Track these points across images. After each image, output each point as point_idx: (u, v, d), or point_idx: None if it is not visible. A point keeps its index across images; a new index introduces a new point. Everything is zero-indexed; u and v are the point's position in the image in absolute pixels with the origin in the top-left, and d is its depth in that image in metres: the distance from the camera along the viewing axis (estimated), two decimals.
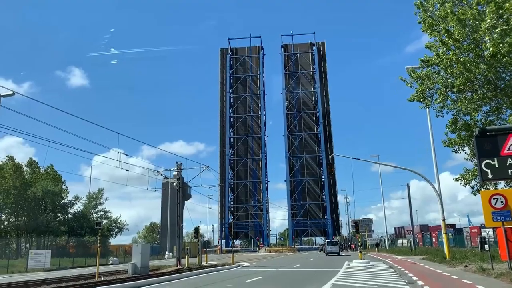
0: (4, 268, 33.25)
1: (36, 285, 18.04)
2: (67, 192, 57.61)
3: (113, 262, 45.64)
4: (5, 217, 52.38)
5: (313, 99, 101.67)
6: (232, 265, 29.30)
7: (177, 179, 33.61)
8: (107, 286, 16.03)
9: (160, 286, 16.53)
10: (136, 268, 23.73)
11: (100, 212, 61.65)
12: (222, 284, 16.62)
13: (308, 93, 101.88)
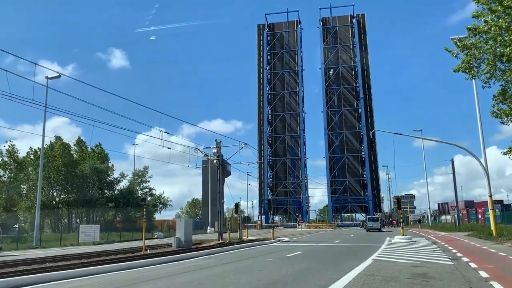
0: (57, 241, 35.32)
1: (87, 257, 19.05)
2: (113, 170, 59.99)
3: (158, 236, 47.37)
4: (56, 194, 55.34)
5: (353, 73, 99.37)
6: (272, 240, 29.72)
7: (217, 156, 34.14)
8: (154, 258, 16.69)
9: (203, 259, 17.04)
10: (180, 242, 24.53)
11: (145, 189, 63.87)
12: (263, 257, 16.92)
13: (348, 67, 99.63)
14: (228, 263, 15.20)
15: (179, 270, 13.04)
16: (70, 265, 14.72)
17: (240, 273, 11.74)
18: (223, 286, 9.23)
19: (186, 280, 10.57)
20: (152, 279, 11.10)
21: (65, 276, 11.63)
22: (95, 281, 10.98)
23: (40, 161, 37.05)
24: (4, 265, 15.33)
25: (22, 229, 44.82)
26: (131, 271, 13.29)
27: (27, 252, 26.56)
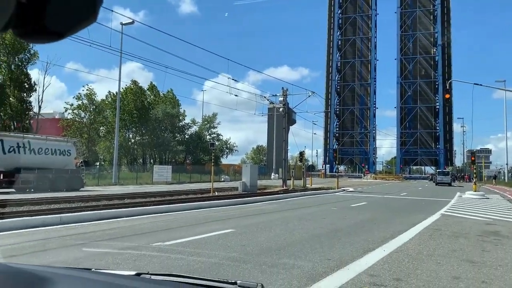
0: (133, 179, 38.03)
1: (161, 196, 20.40)
2: (184, 115, 62.33)
3: (225, 180, 49.28)
4: (132, 135, 58.89)
5: (432, 18, 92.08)
6: (336, 189, 29.77)
7: (283, 104, 34.05)
8: (221, 200, 17.51)
9: (267, 204, 17.57)
10: (245, 186, 25.37)
11: (213, 134, 65.94)
12: (327, 206, 17.09)
13: (426, 12, 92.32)
14: (292, 209, 15.56)
15: (245, 213, 13.59)
16: (146, 202, 15.87)
17: (303, 219, 11.99)
18: (287, 230, 9.51)
19: (252, 222, 11.02)
20: (220, 219, 11.70)
21: (142, 212, 12.60)
22: (169, 218, 11.78)
23: (117, 104, 39.24)
24: (88, 199, 16.89)
25: (102, 167, 48.57)
26: (200, 210, 14.07)
27: (107, 188, 28.94)
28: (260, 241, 8.06)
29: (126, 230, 9.47)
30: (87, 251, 6.99)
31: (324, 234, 9.22)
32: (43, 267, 1.03)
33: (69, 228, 9.57)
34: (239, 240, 8.10)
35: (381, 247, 7.74)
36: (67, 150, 26.09)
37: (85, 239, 8.28)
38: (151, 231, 9.45)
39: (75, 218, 10.66)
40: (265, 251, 7.16)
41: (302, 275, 5.53)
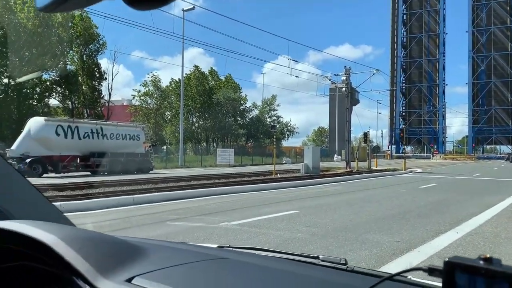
0: (198, 162, 39.28)
1: (225, 178, 20.83)
2: (246, 99, 62.96)
3: (286, 162, 49.36)
4: (195, 120, 60.60)
5: None
6: (403, 171, 28.76)
7: (346, 84, 33.21)
8: (284, 182, 17.56)
9: (331, 186, 17.37)
10: (308, 168, 25.22)
11: (273, 117, 66.04)
12: (394, 188, 16.56)
13: None
14: (357, 191, 15.25)
15: (308, 195, 13.53)
16: (211, 184, 16.31)
17: (369, 201, 11.71)
18: (352, 212, 9.34)
19: (315, 204, 10.94)
20: (284, 200, 11.75)
21: (208, 193, 12.97)
22: (233, 199, 12.03)
23: (181, 90, 40.42)
24: (157, 181, 17.66)
25: (169, 150, 50.56)
26: (263, 192, 14.22)
27: (174, 170, 30.11)
28: (325, 223, 7.98)
29: (193, 210, 9.79)
30: (161, 229, 7.33)
31: (391, 215, 8.94)
32: (137, 239, 1.11)
33: (141, 208, 10.08)
34: (303, 221, 8.08)
35: (454, 230, 7.36)
36: (137, 135, 27.40)
37: (156, 218, 8.69)
38: (217, 211, 9.70)
39: (146, 199, 11.21)
40: (330, 232, 7.08)
41: (370, 257, 5.40)
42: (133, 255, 0.89)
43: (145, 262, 0.87)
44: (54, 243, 0.81)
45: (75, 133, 23.64)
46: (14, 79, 36.89)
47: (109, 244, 0.90)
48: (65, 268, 0.80)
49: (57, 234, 0.84)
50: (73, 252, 0.80)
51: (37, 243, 0.82)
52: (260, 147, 60.62)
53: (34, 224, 0.88)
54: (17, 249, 0.89)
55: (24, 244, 0.86)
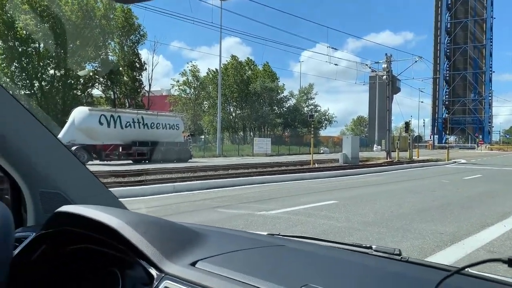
0: (235, 151, 39.61)
1: (262, 167, 20.90)
2: (283, 88, 62.64)
3: (324, 152, 48.87)
4: (232, 109, 60.99)
5: None
6: (446, 161, 27.86)
7: (386, 71, 32.34)
8: (322, 172, 17.42)
9: (370, 176, 17.08)
10: (346, 158, 24.86)
11: (311, 106, 65.37)
12: (436, 179, 16.07)
13: None
14: (397, 181, 14.91)
15: (347, 185, 13.36)
16: (249, 173, 16.40)
17: (411, 192, 11.43)
18: (393, 203, 9.15)
19: (354, 194, 10.80)
20: (322, 190, 11.66)
21: (246, 182, 13.07)
22: (271, 188, 12.07)
23: (219, 79, 40.72)
24: (196, 170, 17.96)
25: (206, 139, 51.23)
26: (301, 182, 14.16)
27: (212, 159, 30.50)
28: (365, 213, 7.87)
29: (232, 199, 9.90)
30: (201, 217, 7.46)
31: (434, 207, 8.69)
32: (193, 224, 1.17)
33: (181, 196, 10.29)
34: (343, 212, 8.00)
35: (501, 222, 7.07)
36: (176, 124, 27.90)
37: (196, 206, 8.85)
38: (255, 200, 9.76)
39: (186, 187, 11.43)
40: (370, 223, 6.97)
41: (411, 249, 5.28)
42: (194, 240, 0.92)
43: (205, 247, 0.90)
44: (120, 226, 0.84)
45: (117, 122, 24.35)
46: (76, 71, 38.58)
47: (171, 229, 0.94)
48: (131, 251, 0.83)
49: (123, 218, 0.87)
50: (139, 235, 0.83)
51: (103, 226, 0.85)
52: (297, 136, 60.26)
53: (100, 208, 0.92)
54: (80, 232, 0.93)
55: (88, 228, 0.90)
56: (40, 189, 1.20)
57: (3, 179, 1.21)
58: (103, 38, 41.66)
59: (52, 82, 39.58)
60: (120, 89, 45.90)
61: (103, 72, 41.89)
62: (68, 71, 39.22)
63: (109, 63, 43.40)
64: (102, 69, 42.25)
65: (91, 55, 40.67)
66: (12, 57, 36.64)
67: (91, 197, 1.28)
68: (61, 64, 38.36)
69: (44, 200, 1.21)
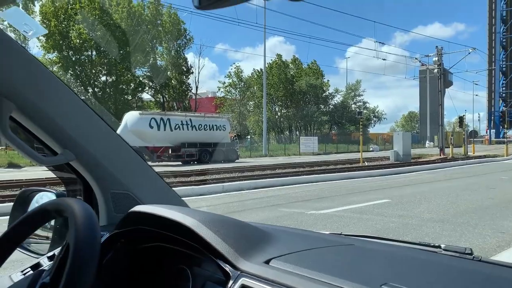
0: (282, 151, 39.55)
1: (310, 166, 20.72)
2: (328, 85, 61.86)
3: (374, 149, 47.77)
4: (278, 109, 60.96)
5: None
6: (505, 157, 26.41)
7: (437, 65, 31.14)
8: (372, 170, 17.04)
9: (423, 173, 16.50)
10: (398, 155, 24.16)
11: (359, 103, 64.09)
12: (494, 175, 15.28)
13: None
14: (453, 179, 14.30)
15: (399, 183, 12.98)
16: (296, 172, 16.33)
17: (467, 189, 10.93)
18: (449, 201, 8.78)
19: (408, 193, 10.47)
20: (373, 189, 11.39)
21: (294, 182, 13.02)
22: (319, 187, 11.94)
23: (264, 79, 40.84)
24: (244, 170, 18.11)
25: (252, 140, 51.51)
26: (350, 180, 13.91)
27: (259, 159, 30.62)
28: (419, 212, 7.61)
29: (281, 198, 9.90)
30: (251, 216, 7.52)
31: (494, 205, 8.26)
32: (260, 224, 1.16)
33: (231, 195, 10.42)
34: (396, 210, 7.78)
35: None
36: (223, 126, 28.28)
37: (245, 205, 8.93)
38: (304, 199, 9.70)
39: (234, 186, 11.56)
40: (425, 222, 6.73)
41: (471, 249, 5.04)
42: (265, 238, 0.92)
43: (277, 246, 0.90)
44: (194, 225, 0.86)
45: (166, 125, 25.05)
46: (159, 83, 40.40)
47: (243, 228, 0.95)
48: (205, 249, 0.85)
49: (196, 217, 0.89)
50: (213, 234, 0.84)
51: (176, 225, 0.88)
52: (345, 134, 59.28)
53: (173, 208, 0.95)
54: (153, 231, 0.96)
55: (161, 227, 0.93)
56: (111, 190, 1.25)
57: (76, 181, 1.27)
58: (152, 44, 43.02)
59: (104, 88, 41.38)
60: (169, 92, 47.18)
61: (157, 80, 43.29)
62: (119, 77, 40.85)
63: (159, 68, 44.75)
64: (154, 75, 43.65)
65: (140, 60, 42.12)
66: (67, 66, 38.67)
67: (158, 197, 1.32)
68: (113, 70, 40.02)
69: (115, 201, 1.26)
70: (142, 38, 41.10)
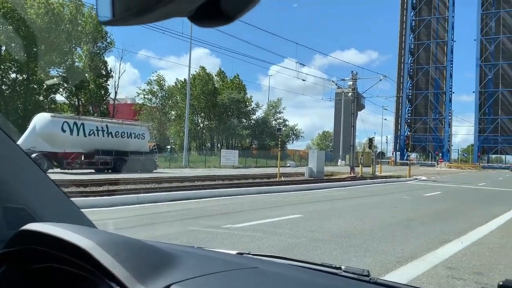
0: (202, 162, 39.30)
1: (229, 179, 20.82)
2: (251, 101, 62.93)
3: (290, 165, 49.26)
4: (200, 120, 60.68)
5: None
6: (407, 178, 28.65)
7: (352, 89, 33.14)
8: (288, 186, 17.53)
9: (336, 191, 17.32)
10: (312, 172, 25.15)
11: (279, 120, 66.00)
12: (398, 195, 16.50)
13: None
14: (361, 197, 15.19)
15: (312, 199, 13.48)
16: (215, 185, 16.29)
17: (373, 207, 11.66)
18: (356, 218, 9.29)
19: (319, 209, 10.91)
20: (288, 204, 11.72)
21: (212, 194, 12.96)
22: (237, 201, 12.01)
23: (187, 90, 40.47)
24: (161, 181, 17.68)
25: (173, 150, 50.58)
26: (267, 195, 14.18)
27: (178, 170, 30.12)
28: (329, 228, 7.95)
29: (197, 211, 9.79)
30: (165, 229, 7.32)
31: (396, 223, 8.90)
32: (165, 244, 1.13)
33: (145, 207, 10.08)
34: (307, 226, 8.05)
35: (459, 239, 7.31)
36: (142, 134, 27.43)
37: (160, 218, 8.69)
38: (220, 213, 9.69)
39: (150, 198, 11.21)
40: (334, 237, 7.05)
41: (374, 264, 5.37)
42: (167, 261, 0.89)
43: (178, 270, 0.87)
44: (90, 247, 0.81)
45: (80, 130, 23.70)
46: (43, 82, 37.32)
47: (144, 250, 0.90)
48: (102, 273, 0.80)
49: (93, 238, 0.84)
50: (110, 257, 0.80)
51: (72, 246, 0.82)
52: (265, 149, 60.56)
53: (69, 227, 0.88)
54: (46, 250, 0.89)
55: (55, 247, 0.86)
56: (4, 204, 1.14)
57: None
58: (70, 44, 40.68)
59: (14, 86, 38.19)
60: (85, 96, 44.81)
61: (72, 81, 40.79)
62: (31, 75, 37.98)
63: (76, 70, 42.34)
64: (69, 77, 41.13)
65: (56, 60, 39.58)
66: None
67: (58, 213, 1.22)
68: (24, 68, 37.12)
69: (8, 216, 1.15)
70: (59, 37, 38.71)
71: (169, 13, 0.53)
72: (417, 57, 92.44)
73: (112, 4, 0.55)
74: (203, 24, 0.56)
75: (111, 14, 0.55)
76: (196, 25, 0.57)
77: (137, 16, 0.53)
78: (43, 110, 32.83)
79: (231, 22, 0.56)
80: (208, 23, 0.57)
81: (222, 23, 0.56)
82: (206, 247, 1.26)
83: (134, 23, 0.55)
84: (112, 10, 0.55)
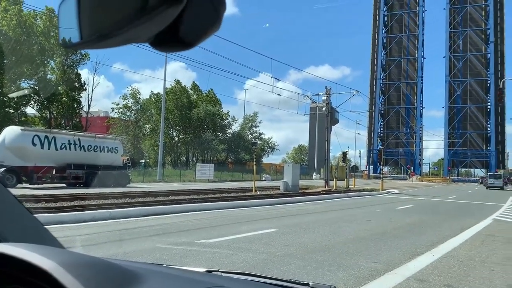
0: (177, 176, 38.89)
1: (204, 193, 20.68)
2: (227, 115, 62.94)
3: (266, 179, 49.31)
4: (175, 134, 60.22)
5: (483, 14, 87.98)
6: (380, 191, 29.10)
7: (326, 103, 33.65)
8: (264, 200, 17.54)
9: (311, 204, 17.42)
10: (287, 186, 25.26)
11: (255, 133, 66.16)
12: (371, 208, 16.72)
13: (478, 7, 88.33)
14: (335, 210, 15.34)
15: (287, 213, 13.53)
16: (190, 200, 16.14)
17: (347, 221, 11.79)
18: (331, 232, 9.37)
19: (294, 222, 10.94)
20: (263, 218, 11.71)
21: (186, 209, 12.82)
22: (212, 215, 11.93)
23: (163, 104, 40.20)
24: (135, 195, 17.39)
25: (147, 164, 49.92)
26: (242, 209, 14.15)
27: (152, 185, 29.72)
28: (304, 242, 7.99)
29: (171, 226, 9.67)
30: (137, 245, 7.19)
31: (369, 236, 9.01)
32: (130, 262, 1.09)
33: (118, 223, 9.88)
34: (282, 240, 8.07)
35: (430, 252, 7.47)
36: (115, 148, 26.98)
37: (133, 234, 8.53)
38: (195, 228, 9.60)
39: (123, 213, 11.01)
40: (309, 252, 7.09)
41: (347, 277, 5.42)
42: (131, 281, 0.87)
43: None
44: (52, 268, 0.79)
45: (52, 143, 23.13)
46: (6, 95, 36.25)
47: (108, 269, 0.89)
48: None
49: (55, 259, 0.82)
50: (73, 278, 0.78)
51: (35, 268, 0.80)
52: (240, 163, 60.47)
53: (30, 247, 0.86)
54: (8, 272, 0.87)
55: (17, 268, 0.84)
56: None
57: None
58: (42, 56, 39.91)
59: None
60: (57, 108, 43.88)
61: (44, 93, 39.85)
62: (0, 87, 36.97)
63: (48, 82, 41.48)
64: (41, 89, 40.23)
65: (27, 72, 38.72)
66: None
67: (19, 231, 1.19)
68: None
69: None
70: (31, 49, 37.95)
71: (129, 39, 0.55)
72: (389, 73, 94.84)
73: (75, 29, 0.57)
74: (163, 50, 0.58)
75: (76, 38, 0.58)
76: (157, 50, 0.58)
77: (99, 41, 0.55)
78: (13, 123, 31.96)
79: (191, 48, 0.58)
80: (168, 49, 0.58)
81: (182, 49, 0.58)
82: (177, 265, 1.25)
83: (96, 47, 0.58)
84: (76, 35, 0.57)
